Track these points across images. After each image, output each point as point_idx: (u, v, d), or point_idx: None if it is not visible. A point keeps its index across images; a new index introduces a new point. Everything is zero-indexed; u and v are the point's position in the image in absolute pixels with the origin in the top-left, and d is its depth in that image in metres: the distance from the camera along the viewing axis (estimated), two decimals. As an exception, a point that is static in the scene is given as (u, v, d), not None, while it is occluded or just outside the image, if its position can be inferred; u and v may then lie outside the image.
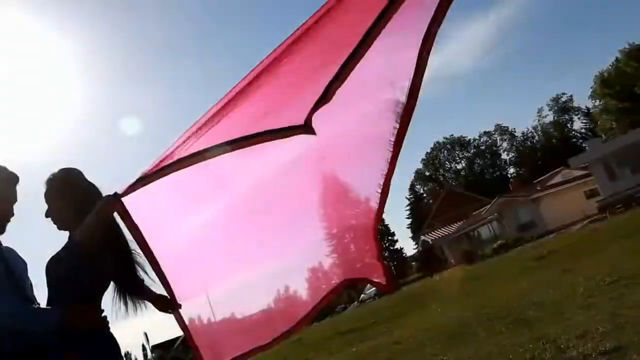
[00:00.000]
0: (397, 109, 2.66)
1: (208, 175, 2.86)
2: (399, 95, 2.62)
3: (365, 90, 2.72)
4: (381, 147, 2.85)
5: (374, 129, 2.86)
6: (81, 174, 2.73)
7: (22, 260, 2.85)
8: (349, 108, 2.82)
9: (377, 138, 2.85)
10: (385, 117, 2.74)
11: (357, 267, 3.50)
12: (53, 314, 2.43)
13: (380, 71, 2.62)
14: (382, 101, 2.72)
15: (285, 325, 3.32)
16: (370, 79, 2.63)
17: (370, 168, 3.03)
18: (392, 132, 2.75)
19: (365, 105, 2.87)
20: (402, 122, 2.68)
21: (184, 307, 2.95)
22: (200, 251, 3.07)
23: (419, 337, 8.75)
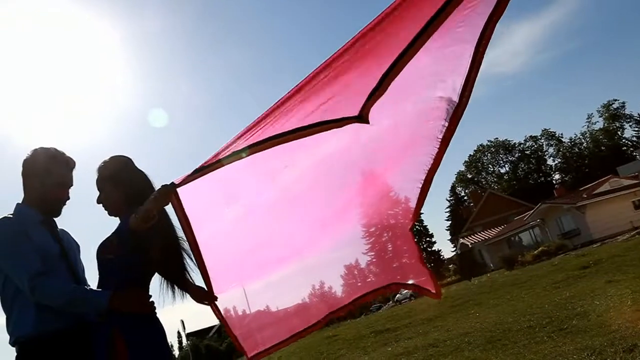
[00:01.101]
0: (449, 106, 2.61)
1: (253, 168, 2.88)
2: (450, 92, 2.57)
3: (417, 85, 2.67)
4: (427, 144, 2.81)
5: (423, 125, 2.81)
6: (132, 161, 2.79)
7: (75, 243, 2.93)
8: (398, 103, 2.78)
9: (425, 135, 2.80)
10: (435, 115, 2.69)
11: (394, 266, 3.47)
12: (104, 296, 2.48)
13: (433, 67, 2.57)
14: (433, 98, 2.67)
15: (319, 314, 3.32)
16: (423, 74, 2.59)
17: (413, 166, 2.99)
18: (440, 129, 2.71)
19: (415, 101, 2.82)
20: (452, 120, 2.63)
21: (220, 298, 3.00)
22: (238, 243, 3.10)
23: (456, 340, 8.63)
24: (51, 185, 2.75)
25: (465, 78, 2.48)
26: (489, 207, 51.26)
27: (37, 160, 2.76)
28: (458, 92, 2.54)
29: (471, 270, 37.10)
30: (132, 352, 2.47)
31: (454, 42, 2.39)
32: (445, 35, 2.27)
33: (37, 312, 2.50)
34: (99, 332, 2.54)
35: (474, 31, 2.29)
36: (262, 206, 3.11)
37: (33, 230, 2.64)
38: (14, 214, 2.70)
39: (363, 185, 3.23)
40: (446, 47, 2.41)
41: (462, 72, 2.47)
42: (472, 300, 14.41)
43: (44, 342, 2.50)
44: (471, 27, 2.28)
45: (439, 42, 2.32)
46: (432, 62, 2.50)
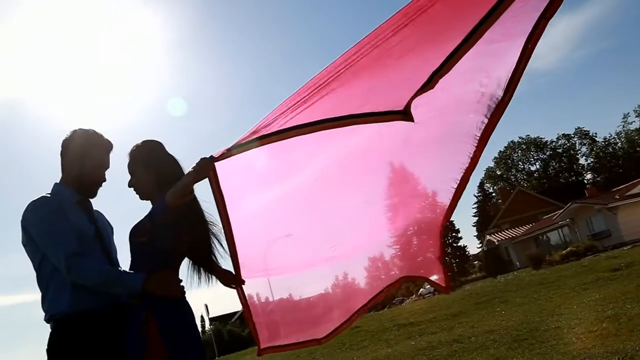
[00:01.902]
0: (491, 102, 2.55)
1: (287, 153, 2.86)
2: (494, 88, 2.51)
3: (458, 78, 2.61)
4: (465, 141, 2.75)
5: (461, 120, 2.76)
6: (163, 146, 2.80)
7: (109, 225, 2.96)
8: (437, 96, 2.72)
9: (462, 131, 2.75)
10: (475, 109, 2.63)
11: (418, 260, 3.44)
12: (137, 279, 2.51)
13: (478, 60, 2.51)
14: (475, 92, 2.61)
15: (341, 316, 3.31)
16: (466, 67, 2.53)
17: (446, 161, 2.94)
18: (479, 126, 2.65)
19: (456, 95, 2.76)
20: (493, 116, 2.57)
21: (247, 283, 3.01)
22: (267, 227, 3.09)
23: (481, 337, 8.55)
24: (88, 167, 2.78)
25: (511, 74, 2.42)
26: (518, 205, 50.53)
27: (75, 141, 2.79)
28: (503, 88, 2.47)
29: (497, 267, 36.74)
30: (165, 335, 2.49)
31: (503, 37, 2.32)
32: (495, 29, 2.21)
33: (73, 291, 2.54)
34: (132, 313, 2.57)
35: (525, 26, 2.23)
36: (293, 192, 3.11)
37: (70, 211, 2.67)
38: (52, 193, 2.74)
39: (392, 178, 3.19)
40: (494, 42, 2.34)
41: (509, 68, 2.41)
42: (498, 297, 14.26)
43: (78, 320, 2.53)
44: (523, 22, 2.22)
45: (488, 36, 2.26)
46: (477, 56, 2.44)
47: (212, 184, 2.69)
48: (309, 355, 12.26)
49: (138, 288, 2.50)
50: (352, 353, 11.09)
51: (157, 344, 2.48)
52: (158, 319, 2.51)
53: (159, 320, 2.51)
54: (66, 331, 2.54)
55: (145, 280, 2.50)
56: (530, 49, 2.29)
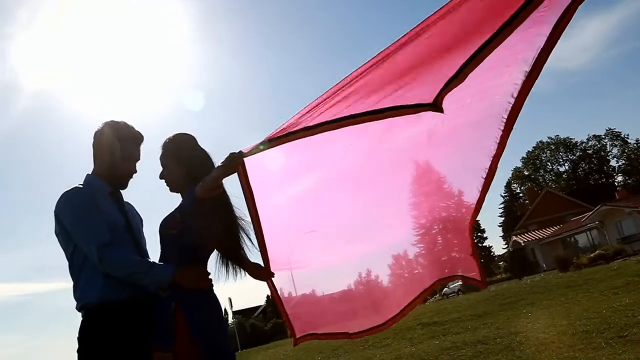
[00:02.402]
0: (517, 80, 2.48)
1: (313, 150, 2.86)
2: (522, 64, 2.44)
3: (485, 66, 2.56)
4: (491, 125, 2.69)
5: (486, 105, 2.70)
6: (195, 140, 2.82)
7: (139, 216, 2.98)
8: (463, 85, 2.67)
9: (488, 115, 2.69)
10: (500, 92, 2.57)
11: (443, 260, 3.40)
12: (167, 271, 2.53)
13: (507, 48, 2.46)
14: (499, 74, 2.55)
15: (371, 317, 3.30)
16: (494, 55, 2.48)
17: (473, 150, 2.90)
18: (505, 107, 2.59)
19: (481, 82, 2.70)
20: (520, 94, 2.49)
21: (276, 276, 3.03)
22: (290, 224, 3.10)
23: (507, 339, 8.45)
24: (120, 158, 2.81)
25: (538, 52, 2.36)
26: (545, 206, 49.80)
27: (107, 132, 2.82)
28: (530, 64, 2.41)
29: (522, 269, 36.26)
30: (192, 326, 2.51)
31: (533, 24, 2.28)
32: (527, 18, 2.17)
33: (104, 281, 2.57)
34: (160, 304, 2.60)
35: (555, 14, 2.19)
36: (318, 188, 3.10)
37: (102, 202, 2.70)
38: (84, 184, 2.77)
39: (417, 175, 3.17)
40: (524, 29, 2.30)
41: (536, 48, 2.35)
42: (524, 299, 14.08)
43: (109, 310, 2.57)
44: (554, 9, 2.18)
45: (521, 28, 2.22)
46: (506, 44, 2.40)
47: (241, 179, 2.70)
48: (332, 351, 12.27)
49: (167, 280, 2.53)
50: (374, 350, 11.05)
51: (185, 335, 2.50)
52: (186, 311, 2.54)
53: (186, 311, 2.54)
54: (97, 320, 2.57)
55: (174, 273, 2.53)
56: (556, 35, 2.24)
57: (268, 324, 41.69)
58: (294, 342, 3.27)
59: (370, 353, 10.86)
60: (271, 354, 16.96)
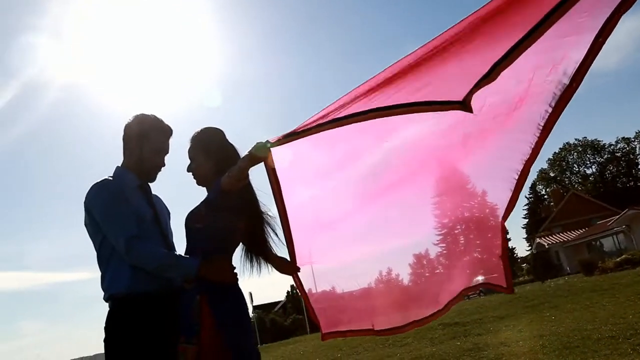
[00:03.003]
0: (556, 89, 2.44)
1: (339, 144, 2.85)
2: (561, 76, 2.41)
3: (521, 68, 2.52)
4: (526, 131, 2.65)
5: (523, 110, 2.66)
6: (223, 134, 2.82)
7: (166, 209, 3.00)
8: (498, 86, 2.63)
9: (524, 121, 2.65)
10: (539, 99, 2.53)
11: (465, 260, 3.36)
12: (193, 264, 2.54)
13: (544, 54, 2.42)
14: (539, 81, 2.51)
15: (395, 317, 3.28)
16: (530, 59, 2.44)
17: (505, 152, 2.85)
18: (543, 115, 2.55)
19: (517, 84, 2.66)
20: (559, 103, 2.45)
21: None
22: (313, 217, 3.09)
23: (530, 342, 8.34)
24: (149, 151, 2.83)
25: (579, 64, 2.32)
26: (571, 208, 49.07)
27: (136, 125, 2.84)
28: (570, 76, 2.38)
29: (546, 271, 35.83)
30: (217, 319, 2.52)
31: (572, 31, 2.24)
32: (564, 23, 2.13)
33: (131, 273, 2.59)
34: (186, 297, 2.61)
35: (597, 21, 2.14)
36: (341, 184, 3.10)
37: (131, 194, 2.73)
38: (114, 176, 2.80)
39: (441, 175, 3.14)
40: (563, 36, 2.26)
41: (576, 59, 2.31)
42: (548, 302, 13.89)
43: (135, 301, 2.59)
44: (595, 16, 2.13)
45: (556, 30, 2.17)
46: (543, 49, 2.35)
47: (268, 169, 2.70)
48: (351, 349, 12.25)
49: (193, 273, 2.54)
50: (395, 349, 11.00)
51: (210, 328, 2.52)
52: (211, 304, 2.55)
53: (211, 304, 2.55)
54: (124, 311, 2.60)
55: (200, 266, 2.54)
56: (600, 43, 2.20)
57: (287, 319, 41.81)
58: (322, 337, 3.27)
59: (390, 352, 10.81)
60: (291, 350, 16.99)
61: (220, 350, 2.50)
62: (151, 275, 2.59)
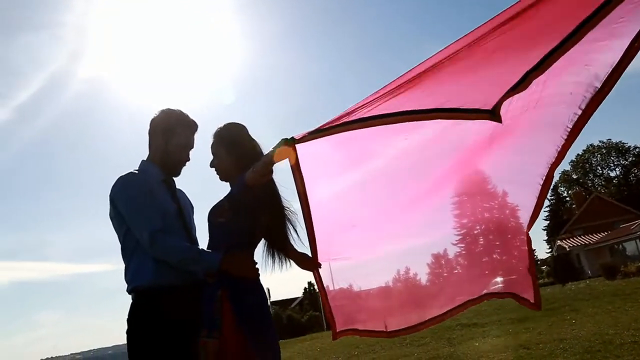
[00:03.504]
0: (587, 92, 2.40)
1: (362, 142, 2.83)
2: (592, 79, 2.36)
3: (551, 75, 2.47)
4: (553, 133, 2.61)
5: (550, 113, 2.61)
6: (246, 130, 2.83)
7: (190, 204, 3.02)
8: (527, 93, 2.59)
9: (551, 124, 2.61)
10: (566, 101, 2.49)
11: (483, 261, 3.32)
12: (215, 258, 2.55)
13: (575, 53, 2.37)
14: (569, 82, 2.46)
15: (409, 316, 3.26)
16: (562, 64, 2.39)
17: (530, 157, 2.81)
18: (571, 117, 2.50)
19: (546, 87, 2.61)
20: (588, 107, 2.41)
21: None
22: (333, 215, 3.08)
23: (550, 345, 8.24)
24: (174, 146, 2.84)
25: (612, 69, 2.27)
26: (593, 211, 48.36)
27: (163, 120, 2.86)
28: (601, 80, 2.33)
29: (566, 274, 35.38)
30: (238, 313, 2.53)
31: (606, 36, 2.19)
32: (601, 29, 2.08)
33: (154, 266, 2.61)
34: (208, 291, 2.62)
35: (634, 26, 2.10)
36: (363, 182, 3.08)
37: (156, 188, 2.75)
38: (139, 170, 2.82)
39: (462, 174, 3.10)
40: (596, 40, 2.21)
41: (609, 63, 2.27)
42: (569, 305, 13.73)
43: (158, 294, 2.61)
44: (632, 22, 2.09)
45: (590, 36, 2.13)
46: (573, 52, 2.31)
47: (292, 166, 2.70)
48: (368, 347, 12.23)
49: (215, 267, 2.55)
50: (412, 349, 10.95)
51: (231, 322, 2.53)
52: (232, 298, 2.56)
53: (233, 299, 2.56)
54: (147, 304, 2.62)
55: (222, 260, 2.55)
56: (636, 48, 2.15)
57: (304, 316, 41.85)
58: (333, 336, 3.25)
59: (407, 351, 10.77)
60: (308, 346, 17.02)
61: (241, 345, 2.50)
62: (174, 268, 2.60)
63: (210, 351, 2.49)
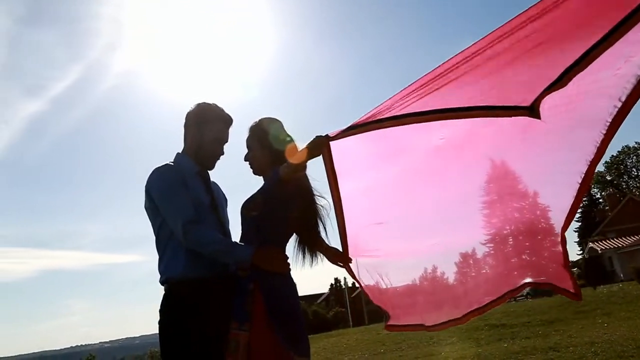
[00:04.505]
0: (627, 84, 2.30)
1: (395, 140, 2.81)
2: (636, 69, 2.27)
3: (590, 69, 2.39)
4: (592, 128, 2.52)
5: (588, 106, 2.53)
6: (282, 125, 2.83)
7: (224, 196, 3.04)
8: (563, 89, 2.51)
9: (589, 118, 2.51)
10: (605, 94, 2.41)
11: (512, 262, 3.26)
12: (248, 251, 2.56)
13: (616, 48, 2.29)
14: (609, 75, 2.37)
15: (446, 310, 3.22)
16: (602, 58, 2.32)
17: (568, 154, 2.73)
18: (610, 110, 2.41)
19: (585, 84, 2.53)
20: (631, 96, 2.30)
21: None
22: (362, 212, 3.07)
23: (581, 349, 8.10)
24: (209, 139, 2.86)
25: None
26: (627, 214, 47.23)
27: (198, 114, 2.89)
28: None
29: (598, 277, 34.73)
30: (269, 307, 2.54)
31: None
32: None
33: (188, 257, 2.63)
34: (240, 284, 2.64)
35: None
36: (396, 180, 3.07)
37: (190, 180, 2.77)
38: (175, 162, 2.85)
39: (493, 173, 3.05)
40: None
41: None
42: (600, 309, 13.47)
43: (191, 285, 2.63)
44: None
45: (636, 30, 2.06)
46: (616, 48, 2.24)
47: (326, 162, 2.70)
48: (395, 345, 12.20)
49: (247, 260, 2.57)
50: (439, 348, 10.88)
51: (262, 316, 2.54)
52: (264, 292, 2.57)
53: (264, 292, 2.57)
54: (180, 295, 2.64)
55: (254, 254, 2.56)
56: None
57: (330, 312, 41.93)
58: (386, 327, 3.28)
59: (434, 350, 10.71)
60: (333, 342, 17.04)
61: (271, 339, 2.51)
62: (207, 260, 2.62)
63: (241, 344, 2.50)
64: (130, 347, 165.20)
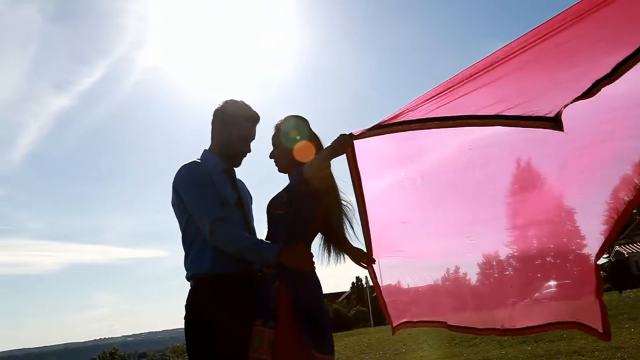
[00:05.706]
0: None
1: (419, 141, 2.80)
2: None
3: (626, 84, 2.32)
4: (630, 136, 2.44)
5: (627, 113, 2.46)
6: (307, 123, 2.84)
7: (249, 194, 3.06)
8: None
9: (628, 125, 2.45)
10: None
11: (536, 264, 3.21)
12: (273, 249, 2.58)
13: None
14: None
15: (452, 315, 3.20)
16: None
17: (598, 189, 2.63)
18: None
19: (624, 120, 2.40)
20: None
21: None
22: (385, 211, 3.06)
23: (606, 353, 7.96)
24: (236, 137, 2.88)
25: None
26: (656, 216, 46.42)
27: (226, 111, 2.91)
28: None
29: (624, 281, 34.15)
30: (295, 305, 2.55)
31: None
32: None
33: (214, 254, 2.66)
34: (265, 281, 2.66)
35: None
36: (419, 180, 3.06)
37: (217, 177, 2.79)
38: (201, 159, 2.87)
39: (517, 174, 3.01)
40: None
41: None
42: (627, 313, 13.19)
43: (217, 282, 2.66)
44: None
45: None
46: None
47: (350, 161, 2.70)
48: (416, 345, 12.13)
49: (272, 258, 2.59)
50: (461, 349, 10.79)
51: (287, 313, 2.55)
52: (289, 290, 2.59)
53: (289, 290, 2.59)
54: (206, 291, 2.67)
55: (280, 252, 2.58)
56: None
57: (351, 310, 41.89)
58: (393, 330, 3.26)
59: (456, 351, 10.63)
60: (354, 341, 17.00)
61: (296, 337, 2.53)
62: (232, 257, 2.64)
63: (265, 340, 2.52)
64: (153, 342, 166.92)
